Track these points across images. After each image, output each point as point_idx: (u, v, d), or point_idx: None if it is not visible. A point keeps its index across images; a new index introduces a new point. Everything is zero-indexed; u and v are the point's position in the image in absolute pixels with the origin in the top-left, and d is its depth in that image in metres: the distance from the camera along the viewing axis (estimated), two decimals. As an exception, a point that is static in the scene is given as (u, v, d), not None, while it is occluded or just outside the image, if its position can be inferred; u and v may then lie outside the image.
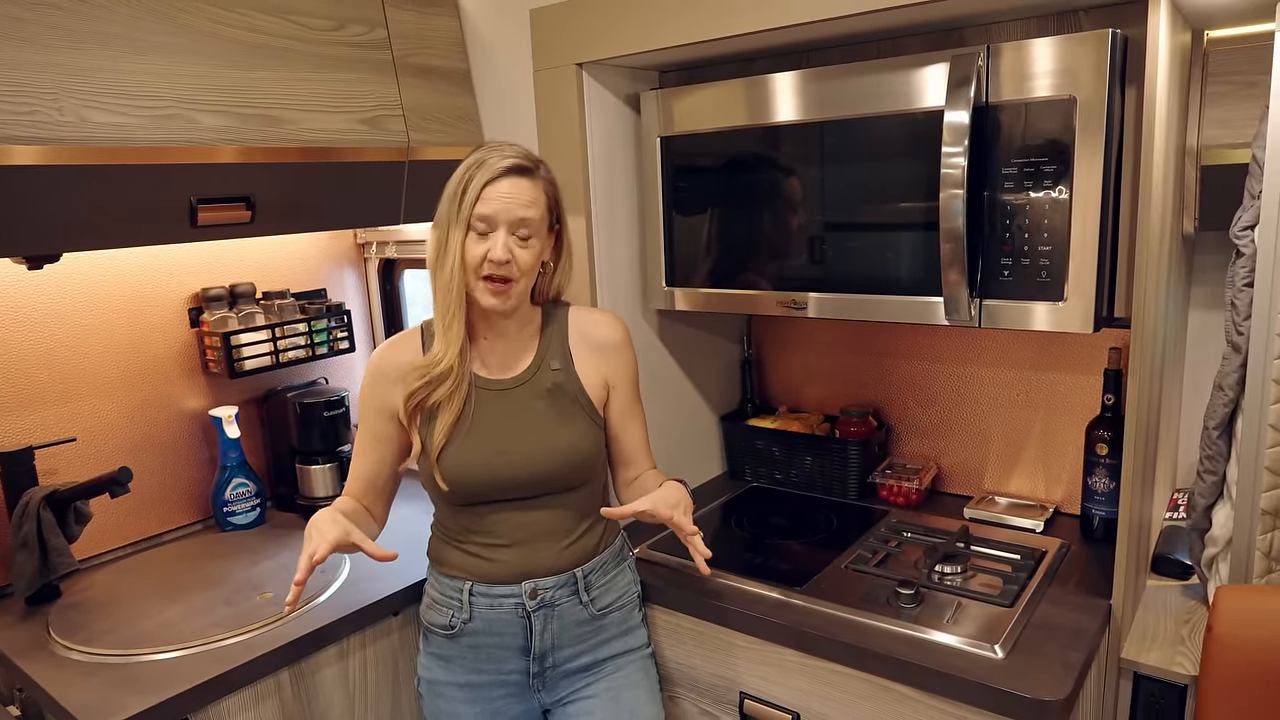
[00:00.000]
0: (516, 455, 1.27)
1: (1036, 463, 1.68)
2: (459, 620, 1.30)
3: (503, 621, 1.29)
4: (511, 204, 1.19)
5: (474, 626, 1.30)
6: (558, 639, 1.31)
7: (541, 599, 1.29)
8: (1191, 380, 1.55)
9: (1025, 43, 1.18)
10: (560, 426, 1.29)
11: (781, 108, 1.42)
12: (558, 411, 1.30)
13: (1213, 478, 1.29)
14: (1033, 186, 1.21)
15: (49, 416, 1.59)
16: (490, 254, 1.19)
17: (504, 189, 1.19)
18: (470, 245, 1.20)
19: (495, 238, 1.20)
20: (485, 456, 1.26)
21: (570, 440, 1.29)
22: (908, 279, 1.34)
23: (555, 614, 1.30)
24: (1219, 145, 1.38)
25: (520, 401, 1.29)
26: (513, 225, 1.20)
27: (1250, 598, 1.13)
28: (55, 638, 1.35)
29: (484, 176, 1.19)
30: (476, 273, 1.21)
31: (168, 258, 1.74)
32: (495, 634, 1.30)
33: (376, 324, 2.17)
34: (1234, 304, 1.22)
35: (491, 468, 1.26)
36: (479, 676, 1.32)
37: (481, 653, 1.31)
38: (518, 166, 1.21)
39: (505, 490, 1.27)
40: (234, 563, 1.62)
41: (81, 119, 1.18)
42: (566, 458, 1.29)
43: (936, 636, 1.21)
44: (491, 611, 1.29)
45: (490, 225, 1.20)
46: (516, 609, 1.29)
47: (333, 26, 1.50)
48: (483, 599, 1.29)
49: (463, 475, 1.26)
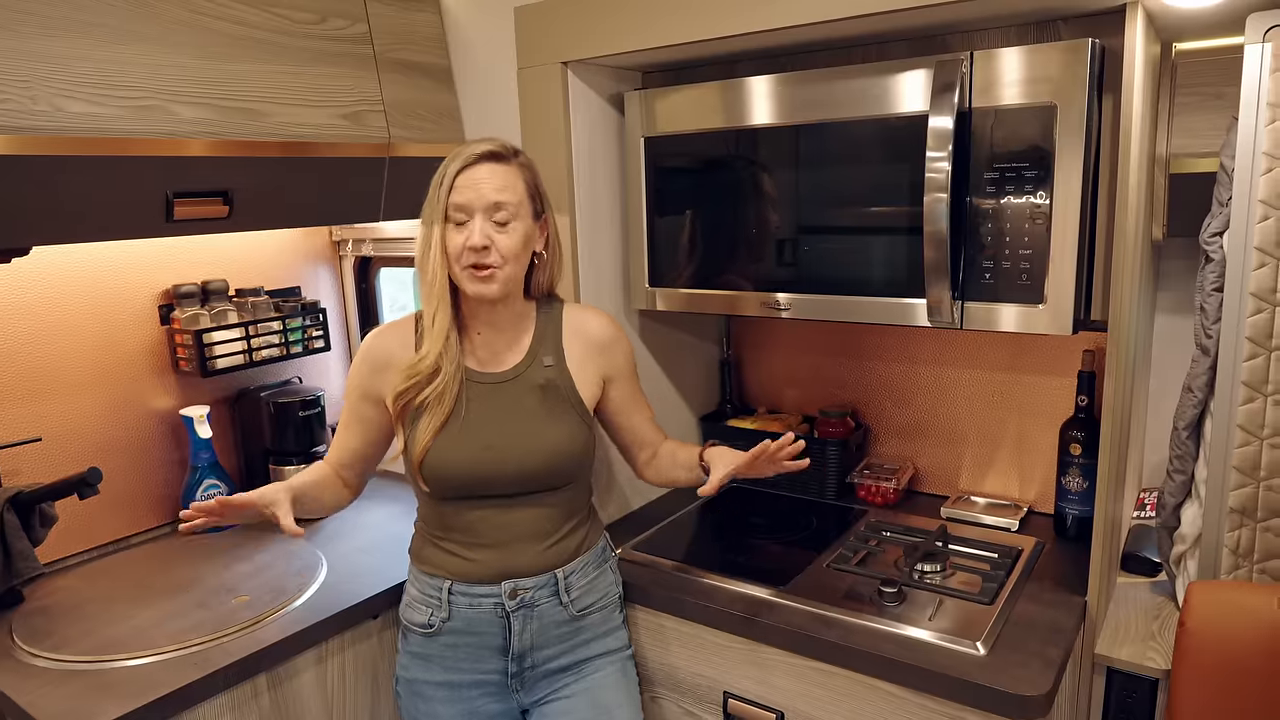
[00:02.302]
0: (504, 451, 1.26)
1: (1011, 463, 1.71)
2: (438, 619, 1.29)
3: (482, 621, 1.29)
4: (484, 189, 1.19)
5: (453, 625, 1.29)
6: (537, 639, 1.30)
7: (521, 599, 1.28)
8: (1158, 383, 1.59)
9: (1008, 50, 1.20)
10: (550, 424, 1.29)
11: (765, 110, 1.43)
12: (548, 409, 1.29)
13: (1182, 477, 1.32)
14: (1014, 191, 1.23)
15: (13, 415, 1.54)
16: (468, 241, 1.19)
17: (478, 175, 1.20)
18: (450, 235, 1.21)
19: (472, 225, 1.20)
20: (473, 452, 1.25)
21: (559, 438, 1.29)
22: (889, 281, 1.36)
23: (535, 614, 1.29)
24: (1187, 154, 1.42)
25: (511, 397, 1.29)
26: (488, 210, 1.20)
27: (1221, 592, 1.16)
28: (20, 644, 1.30)
29: (457, 165, 1.20)
30: (460, 262, 1.21)
31: (138, 253, 1.70)
32: (474, 633, 1.29)
33: (351, 322, 2.14)
34: (1203, 308, 1.25)
35: (479, 463, 1.25)
36: (457, 676, 1.31)
37: (460, 651, 1.30)
38: (490, 153, 1.22)
39: (490, 487, 1.27)
40: (206, 566, 1.58)
41: (56, 108, 1.15)
42: (554, 456, 1.28)
43: (919, 634, 1.23)
44: (471, 611, 1.28)
45: (466, 213, 1.20)
46: (496, 609, 1.28)
47: (314, 20, 1.48)
48: (462, 598, 1.28)
49: (449, 470, 1.25)
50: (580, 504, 1.36)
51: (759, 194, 1.47)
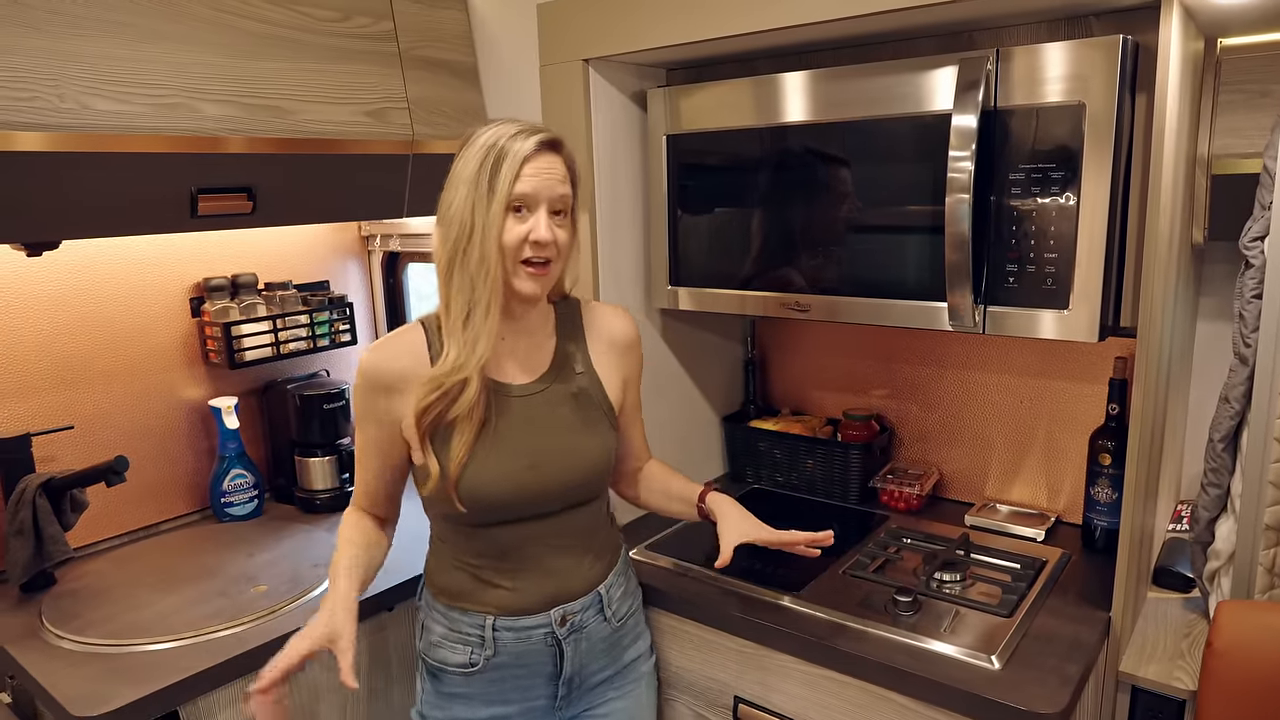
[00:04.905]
0: (548, 468, 1.16)
1: (1039, 471, 1.67)
2: (481, 657, 1.19)
3: (532, 653, 1.20)
4: (551, 180, 1.10)
5: (499, 660, 1.19)
6: (585, 659, 1.24)
7: (571, 624, 1.21)
8: (1198, 391, 1.53)
9: (1035, 47, 1.16)
10: (586, 433, 1.21)
11: (789, 108, 1.41)
12: (583, 417, 1.21)
13: (1216, 491, 1.27)
14: (1040, 193, 1.19)
15: (47, 404, 1.59)
16: (533, 234, 1.09)
17: (542, 164, 1.09)
18: (509, 227, 1.09)
19: (537, 217, 1.09)
20: (514, 471, 1.15)
21: (596, 449, 1.22)
22: (912, 283, 1.33)
23: (584, 635, 1.23)
24: (1230, 155, 1.36)
25: (545, 408, 1.19)
26: (553, 203, 1.11)
27: (1252, 613, 1.11)
28: (48, 626, 1.34)
29: (520, 152, 1.08)
30: (515, 257, 1.10)
31: (169, 247, 1.74)
32: (523, 665, 1.20)
33: (380, 317, 2.17)
34: (1242, 315, 1.20)
35: (522, 484, 1.15)
36: (503, 709, 1.22)
37: (507, 685, 1.21)
38: (550, 141, 1.11)
39: (534, 507, 1.17)
40: (230, 554, 1.61)
41: (83, 106, 1.18)
42: (594, 468, 1.21)
43: (933, 645, 1.20)
44: (519, 644, 1.19)
45: (530, 204, 1.09)
46: (546, 638, 1.20)
47: (338, 17, 1.49)
48: (508, 633, 1.18)
49: (489, 490, 1.14)
50: (606, 510, 1.31)
51: (781, 193, 1.45)
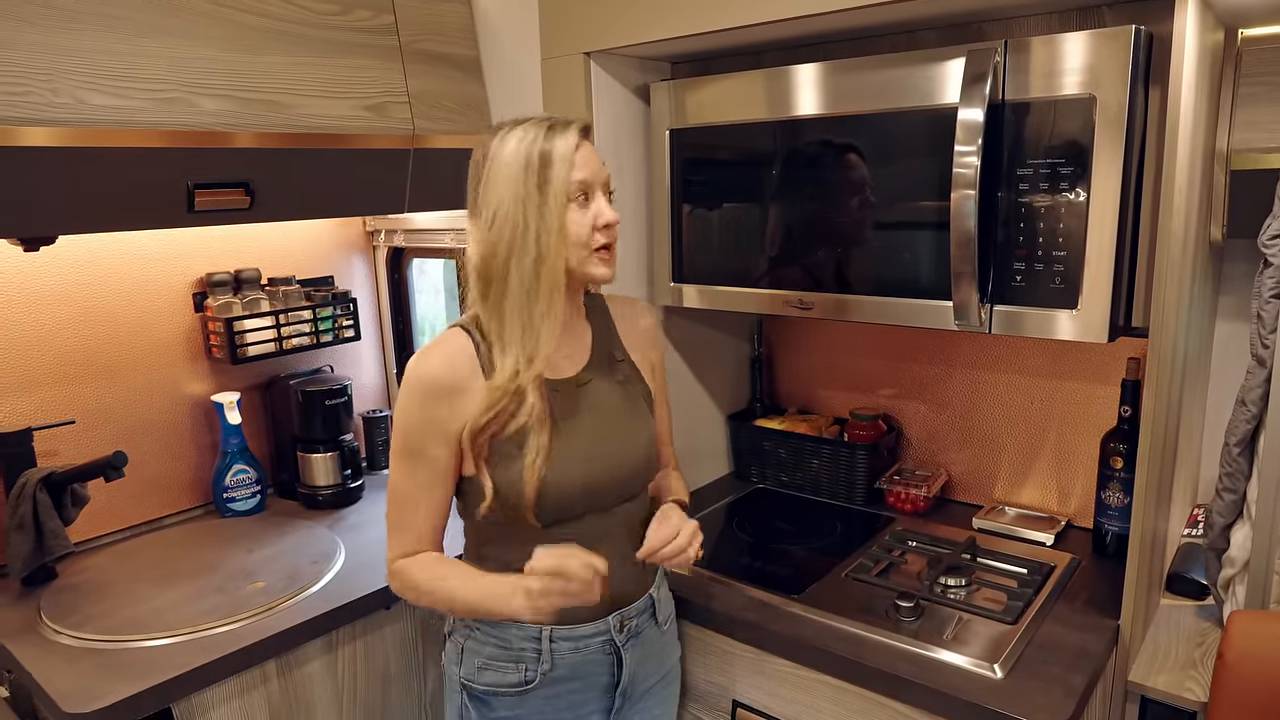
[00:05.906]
0: (612, 458, 1.13)
1: (1050, 473, 1.63)
2: (538, 673, 1.12)
3: (590, 664, 1.14)
4: (598, 163, 1.09)
5: (556, 675, 1.13)
6: (639, 667, 1.19)
7: (629, 629, 1.16)
8: (1216, 392, 1.49)
9: (1045, 38, 1.13)
10: (634, 421, 1.18)
11: (795, 101, 1.38)
12: (629, 405, 1.18)
13: (1232, 496, 1.23)
14: (1049, 189, 1.16)
15: (50, 398, 1.59)
16: (601, 218, 1.07)
17: (586, 151, 1.08)
18: (573, 218, 1.05)
19: (598, 202, 1.07)
20: (577, 467, 1.09)
21: (646, 436, 1.18)
22: (918, 281, 1.30)
23: (640, 641, 1.19)
24: (1250, 149, 1.31)
25: (595, 398, 1.15)
26: (604, 186, 1.09)
27: (1265, 624, 1.08)
28: (46, 621, 1.34)
29: (568, 143, 1.05)
30: (588, 245, 1.07)
31: (172, 241, 1.74)
32: (579, 678, 1.14)
33: (384, 313, 2.16)
34: (1260, 316, 1.16)
35: (588, 478, 1.10)
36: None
37: (562, 701, 1.15)
38: (586, 128, 1.10)
39: (596, 500, 1.12)
40: (231, 549, 1.61)
41: (78, 100, 1.17)
42: (648, 455, 1.17)
43: (934, 652, 1.17)
44: (576, 655, 1.13)
45: (588, 191, 1.07)
46: (604, 646, 1.15)
47: (338, 11, 1.48)
48: (565, 643, 1.12)
49: (560, 492, 1.08)
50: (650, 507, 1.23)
51: (786, 189, 1.42)
